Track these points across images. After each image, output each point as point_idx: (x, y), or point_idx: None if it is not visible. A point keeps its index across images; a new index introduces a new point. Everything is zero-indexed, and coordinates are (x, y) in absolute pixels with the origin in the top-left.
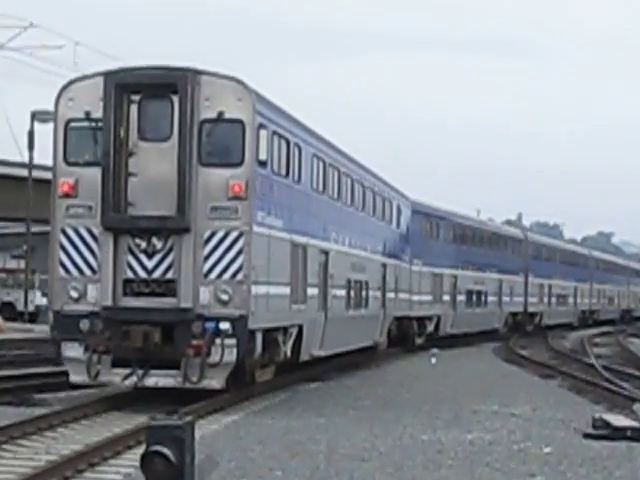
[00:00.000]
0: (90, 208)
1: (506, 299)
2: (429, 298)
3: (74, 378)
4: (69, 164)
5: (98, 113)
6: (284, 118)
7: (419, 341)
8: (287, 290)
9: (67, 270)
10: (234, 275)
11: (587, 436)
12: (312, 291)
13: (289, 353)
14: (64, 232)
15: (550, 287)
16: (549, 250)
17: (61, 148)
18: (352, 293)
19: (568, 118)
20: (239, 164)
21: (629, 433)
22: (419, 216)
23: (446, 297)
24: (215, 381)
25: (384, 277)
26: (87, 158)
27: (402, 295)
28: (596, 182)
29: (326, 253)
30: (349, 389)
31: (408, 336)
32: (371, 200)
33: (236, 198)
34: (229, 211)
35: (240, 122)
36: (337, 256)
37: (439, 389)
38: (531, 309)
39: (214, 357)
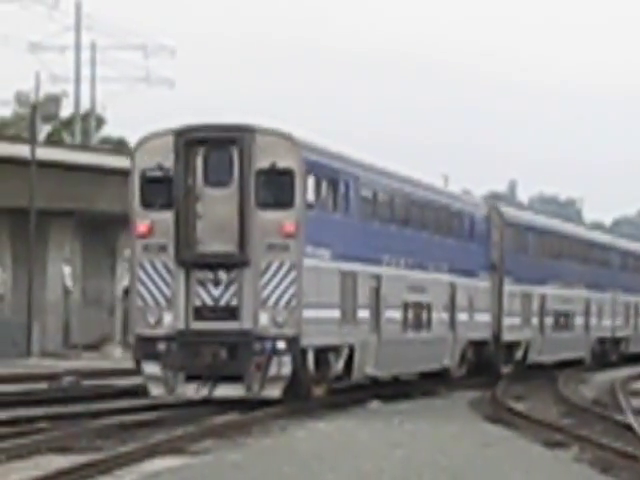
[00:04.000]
0: (164, 246)
1: (594, 322)
2: (518, 321)
3: (153, 391)
4: (145, 208)
5: (168, 163)
6: (330, 158)
7: (505, 370)
8: (336, 312)
9: (144, 300)
10: (288, 301)
11: None
12: (363, 313)
13: (341, 371)
14: (142, 267)
15: (637, 307)
16: (638, 259)
17: (137, 194)
18: (410, 315)
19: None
20: (290, 207)
21: None
22: (509, 228)
23: (534, 319)
24: (275, 391)
25: (452, 297)
26: (160, 202)
27: (480, 317)
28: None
29: (377, 277)
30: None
31: (491, 364)
32: (432, 218)
33: (288, 236)
34: (282, 247)
35: (290, 171)
36: (389, 279)
37: (381, 467)
38: (618, 334)
39: (272, 371)
